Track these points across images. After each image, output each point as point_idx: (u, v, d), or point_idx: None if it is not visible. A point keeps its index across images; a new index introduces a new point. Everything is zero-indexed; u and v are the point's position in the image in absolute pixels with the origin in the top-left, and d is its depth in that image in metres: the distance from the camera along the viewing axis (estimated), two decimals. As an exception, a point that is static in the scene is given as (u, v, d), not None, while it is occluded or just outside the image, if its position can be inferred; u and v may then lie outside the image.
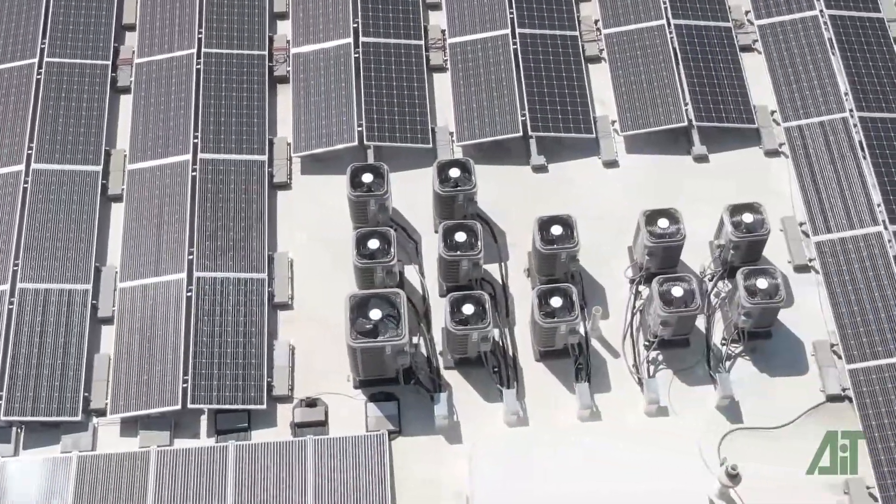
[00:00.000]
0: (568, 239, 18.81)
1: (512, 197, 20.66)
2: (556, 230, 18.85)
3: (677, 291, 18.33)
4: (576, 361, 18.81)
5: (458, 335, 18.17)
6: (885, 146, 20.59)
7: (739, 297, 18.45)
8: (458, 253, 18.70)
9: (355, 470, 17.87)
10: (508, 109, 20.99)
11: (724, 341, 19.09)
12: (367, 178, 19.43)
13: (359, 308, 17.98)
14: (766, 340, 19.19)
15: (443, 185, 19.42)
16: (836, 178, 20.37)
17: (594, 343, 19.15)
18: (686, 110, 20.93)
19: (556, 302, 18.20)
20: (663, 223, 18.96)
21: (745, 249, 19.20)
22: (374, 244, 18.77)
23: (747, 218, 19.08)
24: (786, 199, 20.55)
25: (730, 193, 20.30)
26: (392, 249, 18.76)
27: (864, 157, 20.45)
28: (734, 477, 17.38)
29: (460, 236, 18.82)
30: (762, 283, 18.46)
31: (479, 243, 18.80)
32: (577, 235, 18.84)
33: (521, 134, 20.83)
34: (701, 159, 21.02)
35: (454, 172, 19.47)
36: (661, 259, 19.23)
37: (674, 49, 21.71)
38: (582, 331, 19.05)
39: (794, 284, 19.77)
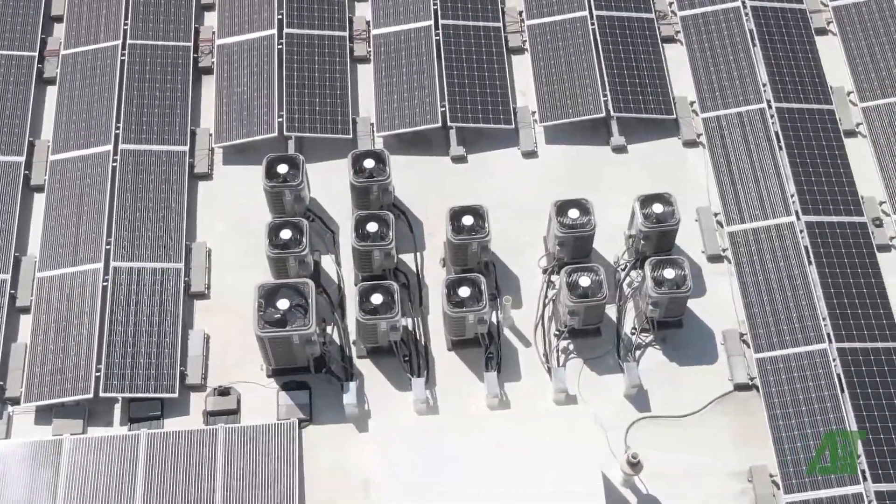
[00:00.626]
0: (479, 229, 18.96)
1: (431, 187, 20.80)
2: (468, 220, 18.99)
3: (584, 281, 18.49)
4: (486, 351, 19.03)
5: (368, 324, 18.38)
6: (801, 137, 20.74)
7: (647, 286, 18.65)
8: (370, 243, 18.91)
9: (265, 458, 18.04)
10: (429, 100, 21.12)
11: (633, 331, 19.30)
12: (283, 168, 19.57)
13: (267, 298, 18.16)
14: (676, 330, 19.37)
15: (357, 176, 19.56)
16: (751, 168, 20.52)
17: (506, 332, 19.40)
18: (605, 101, 21.11)
19: (464, 292, 18.36)
20: (573, 213, 19.10)
21: (655, 240, 19.35)
22: (286, 234, 18.92)
23: (657, 208, 19.22)
24: (702, 190, 20.72)
25: (647, 183, 20.51)
26: (304, 239, 18.93)
27: (780, 148, 20.61)
28: (635, 465, 17.57)
29: (372, 226, 18.96)
30: (669, 273, 18.62)
31: (390, 233, 18.96)
32: (488, 226, 18.99)
33: (440, 125, 21.03)
34: (619, 150, 21.17)
35: (369, 163, 19.61)
36: (573, 249, 19.37)
37: (595, 40, 21.89)
38: (495, 320, 19.34)
39: (707, 274, 19.96)
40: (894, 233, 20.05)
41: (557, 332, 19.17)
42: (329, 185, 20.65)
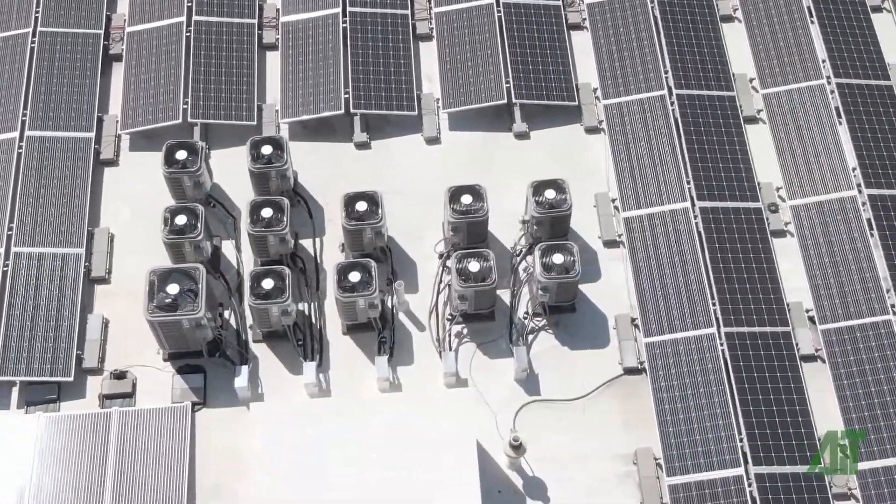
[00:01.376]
0: (373, 215, 19.17)
1: (334, 173, 20.98)
2: (361, 206, 19.19)
3: (474, 267, 18.69)
4: (379, 335, 19.25)
5: (259, 309, 18.61)
6: (701, 123, 20.91)
7: (536, 271, 18.85)
8: (264, 229, 19.11)
9: (157, 440, 18.26)
10: (333, 87, 21.27)
11: (526, 315, 19.51)
12: (182, 154, 19.74)
13: (159, 283, 18.39)
14: (570, 314, 19.60)
15: (255, 162, 19.77)
16: (649, 154, 20.68)
17: (401, 317, 19.61)
18: (507, 88, 21.27)
19: (354, 277, 18.56)
20: (466, 199, 19.28)
21: (548, 225, 19.55)
22: (182, 220, 19.13)
23: (550, 194, 19.42)
24: (602, 176, 20.93)
25: (549, 169, 20.67)
26: (199, 225, 19.13)
27: (680, 135, 20.78)
28: (517, 448, 17.79)
29: (266, 212, 19.16)
30: (558, 258, 18.82)
31: (285, 219, 19.16)
32: (381, 212, 19.19)
33: (343, 111, 21.19)
34: (522, 136, 21.34)
35: (266, 150, 19.79)
36: (469, 234, 19.58)
37: (501, 27, 22.01)
38: (391, 304, 19.57)
39: (603, 260, 20.17)
40: (790, 218, 20.26)
41: (450, 317, 19.39)
42: (233, 171, 20.79)
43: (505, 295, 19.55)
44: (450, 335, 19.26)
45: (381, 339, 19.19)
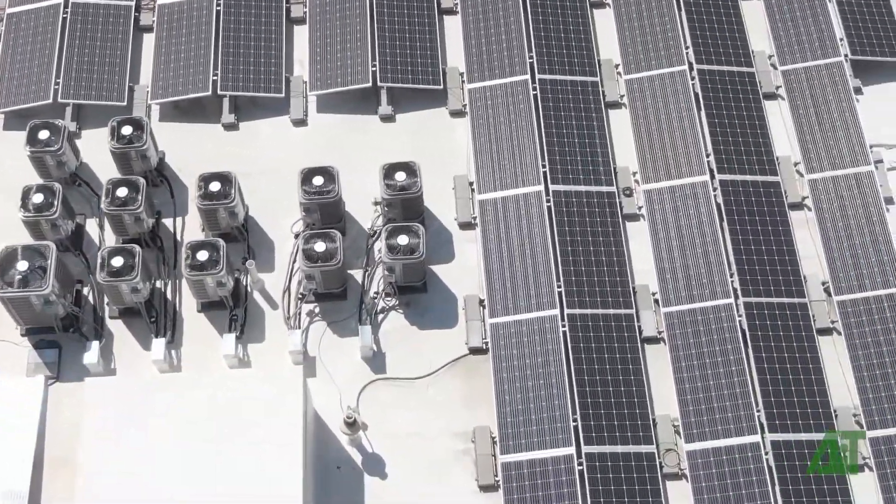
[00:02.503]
0: (226, 195, 19.54)
1: (202, 154, 21.32)
2: (215, 186, 19.56)
3: (320, 247, 19.08)
4: (231, 312, 19.66)
5: (110, 286, 19.01)
6: (561, 108, 21.19)
7: (381, 252, 19.22)
8: (120, 207, 19.50)
9: (9, 414, 18.66)
10: (202, 69, 21.59)
11: (375, 294, 19.89)
12: (44, 134, 20.16)
13: (9, 260, 18.78)
14: (421, 294, 20.00)
15: (116, 142, 20.16)
16: (510, 138, 20.97)
17: (256, 295, 20.00)
18: (373, 71, 21.58)
19: (202, 255, 18.94)
20: (318, 181, 19.64)
21: (400, 207, 19.90)
22: (38, 198, 19.53)
23: (400, 177, 19.75)
24: (463, 158, 21.25)
25: (412, 152, 20.99)
26: (56, 203, 19.51)
27: (539, 119, 21.06)
28: (351, 425, 18.20)
29: (122, 191, 19.56)
30: (403, 239, 19.18)
31: (139, 198, 19.55)
32: (235, 192, 19.56)
33: (211, 93, 21.53)
34: (387, 119, 21.65)
35: (126, 130, 20.16)
36: (322, 215, 19.94)
37: (371, 10, 22.28)
38: (246, 283, 19.98)
39: (458, 241, 20.51)
40: (643, 202, 20.61)
41: (301, 296, 19.79)
42: (104, 150, 21.18)
43: (360, 275, 20.01)
44: (299, 314, 19.72)
45: (232, 317, 19.62)
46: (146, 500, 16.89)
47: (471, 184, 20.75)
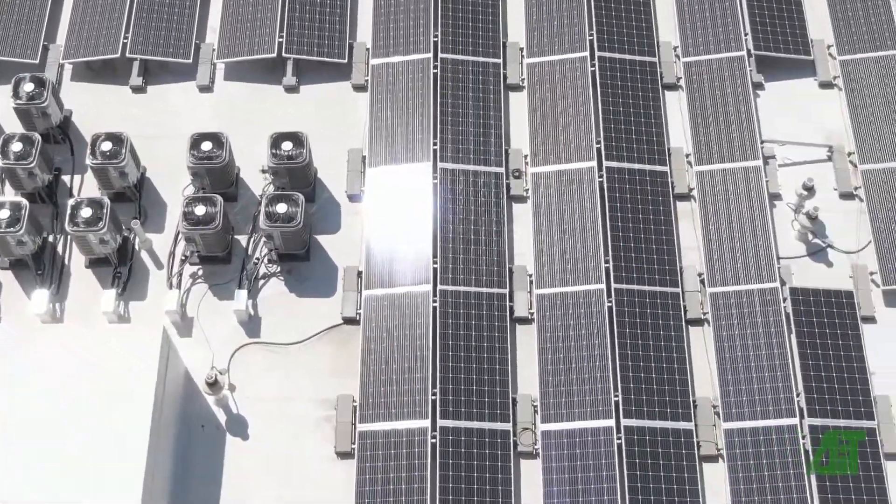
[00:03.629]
0: (117, 155, 20.00)
1: (110, 115, 21.80)
2: (106, 146, 20.02)
3: (200, 210, 19.50)
4: (115, 269, 20.16)
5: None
6: (460, 87, 21.40)
7: (260, 219, 19.64)
8: (13, 162, 20.01)
9: None
10: (114, 31, 22.00)
11: (257, 260, 20.30)
12: (29, 87, 20.74)
13: None
14: (304, 263, 20.39)
15: (16, 100, 20.69)
16: (405, 113, 21.24)
17: (143, 254, 20.47)
18: (280, 42, 21.91)
19: (86, 213, 19.41)
20: (206, 146, 20.05)
21: (286, 176, 20.28)
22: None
23: (287, 146, 20.13)
24: (360, 132, 21.56)
25: (312, 123, 21.46)
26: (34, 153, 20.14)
27: (437, 98, 21.29)
28: (213, 385, 18.66)
29: (17, 146, 20.09)
30: (282, 207, 19.56)
31: (34, 153, 20.05)
32: (125, 153, 20.00)
33: (120, 55, 21.93)
34: (291, 90, 22.01)
35: (28, 87, 20.65)
36: (211, 180, 20.36)
37: (282, -20, 22.71)
38: (135, 241, 20.51)
39: (346, 213, 20.87)
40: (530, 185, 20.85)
41: (184, 258, 20.25)
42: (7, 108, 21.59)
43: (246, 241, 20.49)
44: (181, 274, 20.19)
45: (115, 274, 20.13)
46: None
47: (364, 158, 21.16)
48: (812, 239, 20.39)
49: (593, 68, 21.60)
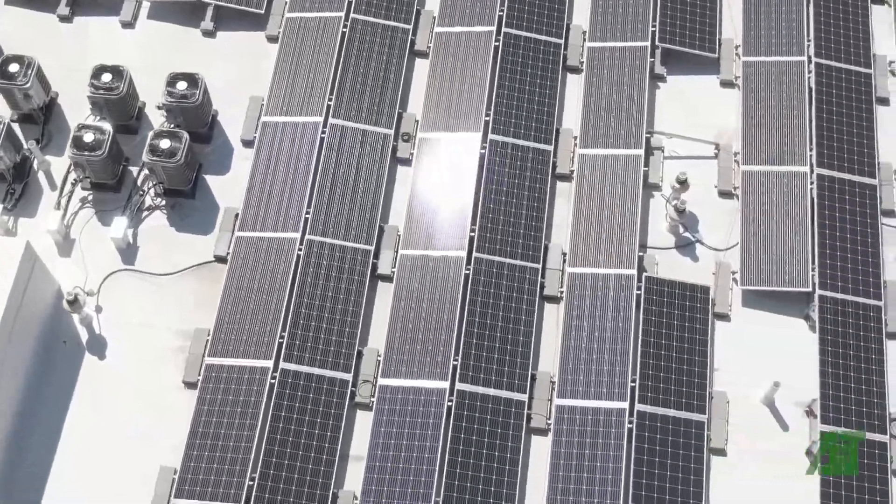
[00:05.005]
0: (21, 76, 20.94)
1: (38, 42, 22.64)
2: (13, 68, 20.95)
3: (88, 137, 20.38)
4: (9, 185, 21.12)
5: None
6: (366, 48, 22.02)
7: (143, 153, 20.46)
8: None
9: None
10: (49, -39, 23.06)
11: (143, 192, 21.13)
12: None
13: None
14: (188, 200, 21.16)
15: (-59, 16, 21.85)
16: (310, 65, 21.84)
17: (41, 174, 21.41)
18: (201, -13, 22.77)
19: (-26, 123, 20.53)
20: (107, 77, 20.90)
21: (181, 114, 21.05)
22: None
23: (182, 86, 20.90)
24: (266, 81, 22.26)
25: (223, 70, 22.27)
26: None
27: (339, 56, 21.86)
28: (73, 303, 19.54)
29: (-68, 68, 21.25)
30: (165, 143, 20.35)
31: (-57, 70, 21.20)
32: (31, 76, 20.90)
33: (52, -16, 22.99)
34: (208, 34, 22.74)
35: (-50, 12, 21.89)
36: (110, 111, 21.22)
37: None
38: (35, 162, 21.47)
39: (239, 158, 21.59)
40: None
41: (74, 181, 21.14)
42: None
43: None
44: (70, 196, 21.08)
45: (9, 190, 21.11)
46: None
47: (262, 106, 21.86)
48: (682, 232, 20.73)
49: (497, 43, 22.13)
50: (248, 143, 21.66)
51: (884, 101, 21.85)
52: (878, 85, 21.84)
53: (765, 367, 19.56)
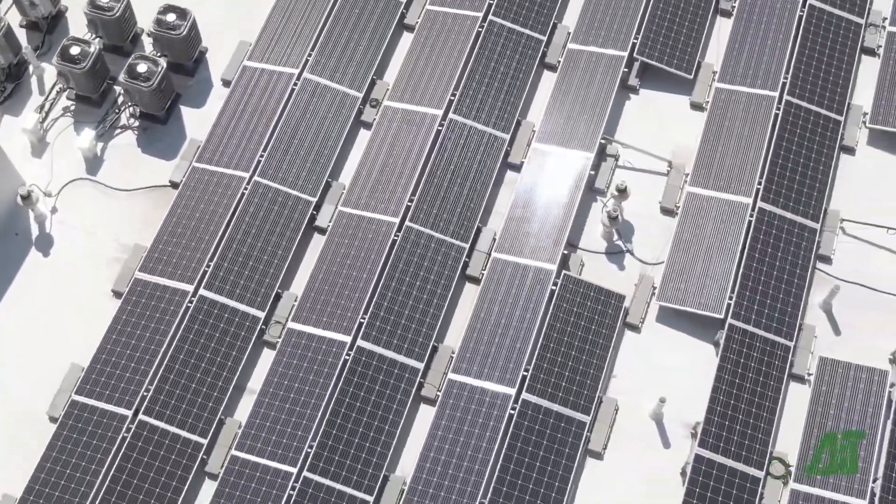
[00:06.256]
0: None
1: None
2: (-10, -1, 22.56)
3: (74, 50, 21.59)
4: (2, 84, 22.49)
5: None
6: (359, 9, 22.86)
7: (120, 74, 21.63)
8: (-53, -32, 22.67)
9: None
10: None
11: (117, 110, 22.27)
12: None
13: None
14: (160, 126, 22.29)
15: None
16: (299, 20, 22.74)
17: (33, 78, 22.75)
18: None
19: (-18, 25, 21.95)
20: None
21: (167, 44, 22.15)
22: None
23: (171, 17, 22.01)
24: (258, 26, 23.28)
25: (225, 12, 23.37)
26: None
27: (332, 10, 22.80)
28: (26, 199, 20.85)
29: (-49, -44, 22.76)
30: (142, 67, 21.49)
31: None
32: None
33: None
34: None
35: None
36: (105, 32, 22.41)
37: None
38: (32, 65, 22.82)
39: (214, 96, 22.65)
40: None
41: (60, 90, 22.41)
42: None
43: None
44: (54, 103, 22.35)
45: (0, 88, 22.55)
46: None
47: (247, 50, 22.86)
48: (615, 240, 21.07)
49: (481, 29, 22.73)
50: (227, 83, 22.70)
51: (849, 151, 21.84)
52: (846, 133, 21.88)
53: (663, 384, 19.83)
